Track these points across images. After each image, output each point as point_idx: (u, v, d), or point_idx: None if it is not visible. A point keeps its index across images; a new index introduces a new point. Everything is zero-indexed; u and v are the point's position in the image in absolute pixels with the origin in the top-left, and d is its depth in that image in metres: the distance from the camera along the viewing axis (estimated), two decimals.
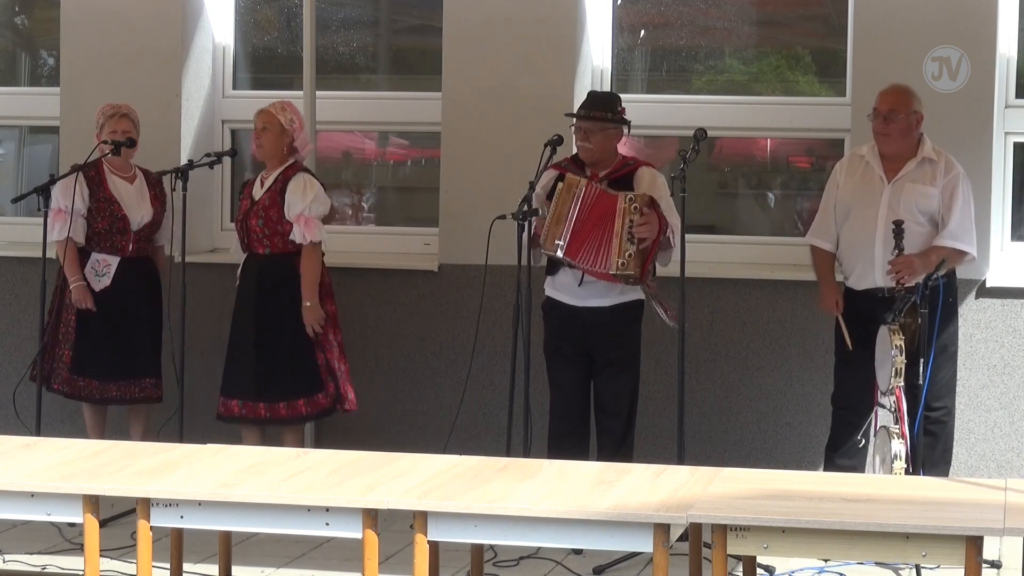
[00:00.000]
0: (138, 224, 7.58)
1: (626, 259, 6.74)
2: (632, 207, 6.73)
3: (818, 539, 4.72)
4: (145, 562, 5.10)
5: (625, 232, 6.73)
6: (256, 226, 7.40)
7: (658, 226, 6.76)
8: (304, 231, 7.34)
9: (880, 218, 6.94)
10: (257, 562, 6.58)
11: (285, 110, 7.45)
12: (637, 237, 6.72)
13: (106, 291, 7.55)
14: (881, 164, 7.02)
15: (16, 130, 9.20)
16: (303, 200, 7.36)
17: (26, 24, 9.40)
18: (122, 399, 7.64)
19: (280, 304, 7.41)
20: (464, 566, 5.97)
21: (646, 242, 6.75)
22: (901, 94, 7.01)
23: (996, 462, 7.68)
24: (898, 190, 6.97)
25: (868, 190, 7.02)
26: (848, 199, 7.07)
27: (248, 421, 7.45)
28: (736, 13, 8.31)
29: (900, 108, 6.95)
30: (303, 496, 5.01)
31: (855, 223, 7.04)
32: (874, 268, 6.97)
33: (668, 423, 7.48)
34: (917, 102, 7.00)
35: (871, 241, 6.97)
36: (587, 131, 6.95)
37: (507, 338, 7.03)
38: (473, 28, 8.07)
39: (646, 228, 6.73)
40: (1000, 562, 6.48)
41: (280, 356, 7.41)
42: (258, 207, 7.41)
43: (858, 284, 7.05)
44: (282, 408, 7.43)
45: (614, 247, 6.74)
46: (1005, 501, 4.92)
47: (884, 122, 6.96)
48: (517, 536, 4.95)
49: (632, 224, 6.72)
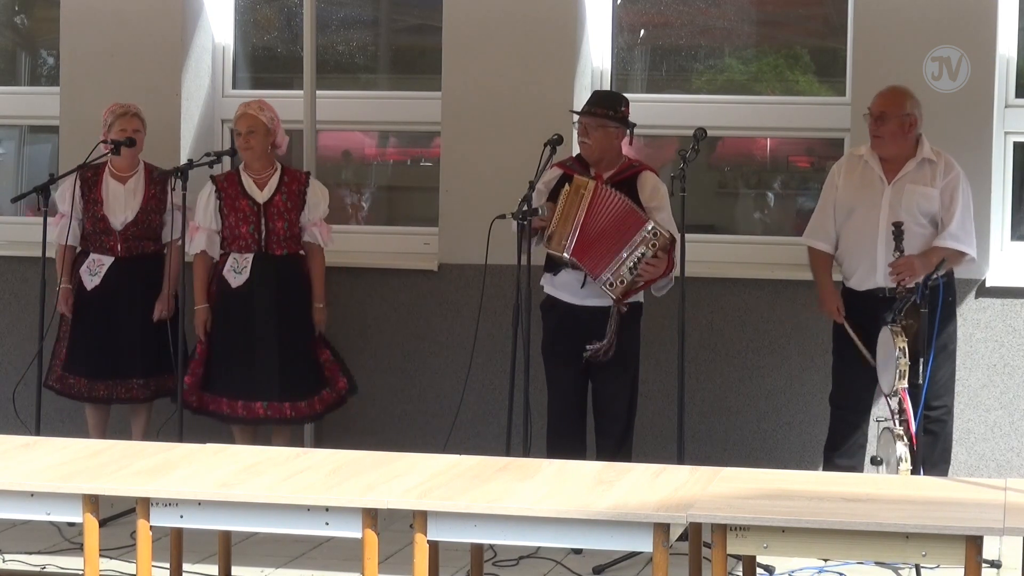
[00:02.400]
0: (120, 224, 7.57)
1: (616, 283, 6.80)
2: (653, 243, 6.78)
3: (818, 539, 4.72)
4: (145, 562, 5.10)
5: (632, 260, 6.78)
6: (282, 228, 7.47)
7: (663, 270, 6.82)
8: (324, 236, 7.55)
9: (881, 219, 6.94)
10: (257, 562, 6.58)
11: (264, 109, 7.51)
12: (639, 272, 6.78)
13: (96, 290, 7.57)
14: (880, 165, 7.02)
15: (16, 130, 9.20)
16: (323, 205, 7.58)
17: (26, 24, 9.40)
18: (109, 398, 7.66)
19: (297, 304, 7.51)
20: (464, 566, 5.97)
21: (641, 280, 6.81)
22: (894, 96, 6.99)
23: (996, 462, 7.68)
24: (899, 191, 6.97)
25: (868, 191, 7.01)
26: (848, 200, 7.07)
27: (274, 422, 7.51)
28: (736, 13, 8.31)
29: (891, 110, 6.94)
30: (303, 496, 5.01)
31: (856, 224, 7.04)
32: (876, 269, 6.97)
33: (668, 423, 7.48)
34: (912, 104, 6.98)
35: (873, 243, 6.97)
36: (587, 126, 6.96)
37: (506, 338, 7.03)
38: (473, 28, 8.07)
39: (652, 270, 6.82)
40: (1000, 562, 6.48)
41: (302, 355, 7.51)
42: (277, 208, 7.45)
43: (860, 285, 7.05)
44: (303, 407, 7.52)
45: (613, 264, 6.79)
46: (1005, 501, 4.92)
47: (876, 123, 6.96)
48: (517, 536, 4.95)
49: (642, 258, 6.77)
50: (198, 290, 7.54)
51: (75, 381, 7.62)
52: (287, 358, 7.47)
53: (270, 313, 7.46)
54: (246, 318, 7.47)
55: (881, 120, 6.94)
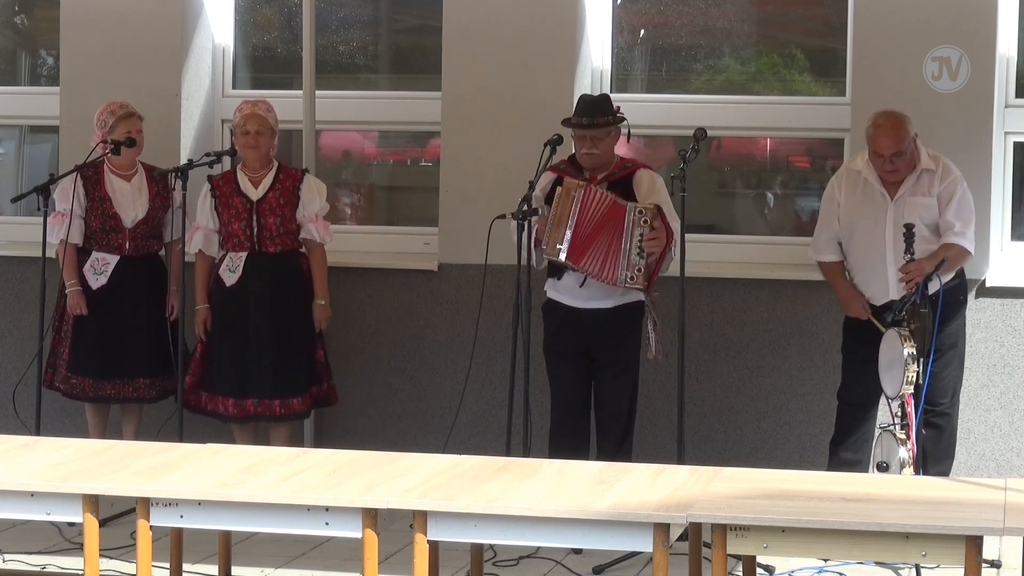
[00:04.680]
0: (131, 222, 7.58)
1: (634, 272, 6.78)
2: (642, 220, 6.76)
3: (818, 539, 4.72)
4: (145, 562, 5.10)
5: (635, 246, 6.76)
6: (274, 224, 7.46)
7: (665, 239, 6.79)
8: (322, 231, 7.51)
9: (888, 237, 6.95)
10: (257, 562, 6.58)
11: (271, 111, 7.57)
12: (647, 251, 6.76)
13: (102, 290, 7.56)
14: (880, 181, 6.99)
15: (16, 130, 9.20)
16: (319, 201, 7.54)
17: (26, 24, 9.40)
18: (116, 398, 7.65)
19: (292, 301, 7.49)
20: (464, 566, 5.97)
21: (654, 255, 6.79)
22: (896, 130, 6.86)
23: (996, 462, 7.68)
24: (901, 206, 6.95)
25: (871, 208, 6.99)
26: (851, 217, 7.04)
27: (262, 419, 7.49)
28: (735, 13, 8.31)
29: (902, 145, 6.87)
30: (303, 496, 5.01)
31: (862, 242, 7.03)
32: (888, 286, 6.97)
33: (668, 423, 7.47)
34: (910, 125, 6.90)
35: (882, 260, 6.97)
36: (595, 139, 6.94)
37: (507, 338, 7.03)
38: (473, 28, 8.07)
39: (655, 243, 6.78)
40: (1000, 562, 6.48)
41: (296, 352, 7.50)
42: (269, 205, 7.46)
43: (876, 300, 7.06)
44: (296, 403, 7.51)
45: (622, 260, 6.78)
46: (1005, 501, 4.92)
47: (891, 163, 6.88)
48: (517, 536, 4.95)
49: (641, 238, 6.75)
50: (198, 290, 7.57)
51: (79, 381, 7.60)
52: (280, 355, 7.45)
53: (264, 311, 7.45)
54: (239, 316, 7.48)
55: (896, 158, 6.88)
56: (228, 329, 7.51)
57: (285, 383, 7.47)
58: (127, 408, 7.73)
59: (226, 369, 7.49)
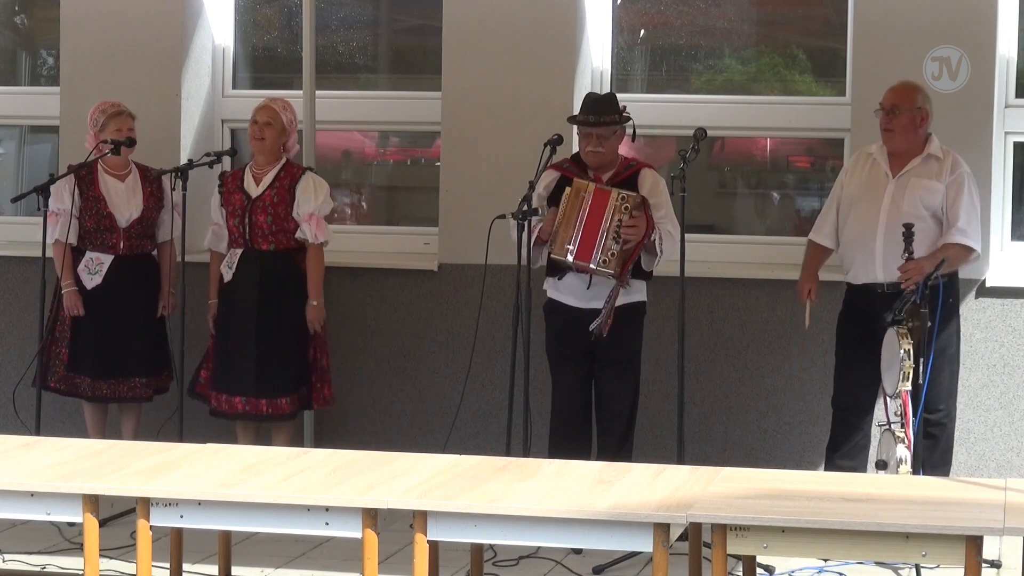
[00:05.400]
0: (126, 221, 7.57)
1: (608, 256, 6.77)
2: (624, 206, 6.76)
3: (818, 539, 4.72)
4: (145, 562, 5.10)
5: (612, 230, 6.75)
6: (264, 222, 7.44)
7: (644, 230, 6.78)
8: (315, 231, 7.45)
9: (883, 211, 6.95)
10: (257, 562, 6.58)
11: (287, 110, 7.55)
12: (623, 238, 6.75)
13: (97, 289, 7.56)
14: (888, 161, 7.02)
15: (16, 130, 9.20)
16: (315, 200, 7.47)
17: (26, 24, 9.40)
18: (112, 397, 7.65)
19: (282, 300, 7.46)
20: (464, 566, 5.97)
21: (630, 244, 6.78)
22: (905, 90, 7.01)
23: (996, 462, 7.68)
24: (902, 185, 6.96)
25: (872, 186, 7.02)
26: (852, 195, 7.07)
27: (249, 417, 7.47)
28: (736, 13, 8.31)
29: (903, 103, 6.96)
30: (303, 496, 5.01)
31: (857, 217, 7.03)
32: (874, 261, 6.96)
33: (668, 423, 7.48)
34: (923, 99, 7.00)
35: (872, 234, 6.96)
36: (600, 137, 6.94)
37: (507, 338, 7.03)
38: (473, 28, 8.07)
39: (633, 231, 6.77)
40: (1000, 562, 6.48)
41: (281, 352, 7.46)
42: (263, 203, 7.45)
43: (857, 278, 7.04)
44: (284, 403, 7.46)
45: (598, 242, 6.76)
46: (1005, 501, 4.93)
47: (887, 117, 6.97)
48: (517, 536, 4.96)
49: (620, 224, 6.74)
50: (210, 285, 7.61)
51: (79, 381, 7.60)
52: (264, 355, 7.42)
53: (250, 309, 7.45)
54: (231, 313, 7.51)
55: (892, 113, 6.94)
56: (222, 325, 7.55)
57: (270, 383, 7.43)
58: (125, 408, 7.74)
59: (218, 365, 7.53)
